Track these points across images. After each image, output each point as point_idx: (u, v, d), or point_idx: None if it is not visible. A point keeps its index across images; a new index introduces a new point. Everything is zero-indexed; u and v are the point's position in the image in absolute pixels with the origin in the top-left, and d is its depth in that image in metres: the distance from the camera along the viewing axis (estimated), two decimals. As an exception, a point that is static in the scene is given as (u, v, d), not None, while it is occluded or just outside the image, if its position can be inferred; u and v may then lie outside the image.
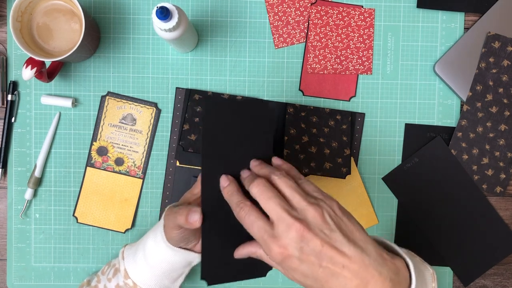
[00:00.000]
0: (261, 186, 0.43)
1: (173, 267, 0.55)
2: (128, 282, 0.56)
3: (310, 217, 0.41)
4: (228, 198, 0.45)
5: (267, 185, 0.43)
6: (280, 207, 0.41)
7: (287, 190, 0.43)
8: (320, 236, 0.40)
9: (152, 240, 0.55)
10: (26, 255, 0.67)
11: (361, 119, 0.67)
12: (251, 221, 0.42)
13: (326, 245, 0.40)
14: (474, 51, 0.66)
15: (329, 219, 0.41)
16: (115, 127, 0.66)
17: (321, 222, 0.41)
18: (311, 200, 0.42)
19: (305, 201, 0.42)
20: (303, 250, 0.40)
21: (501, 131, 0.66)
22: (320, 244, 0.40)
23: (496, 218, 0.67)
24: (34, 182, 0.65)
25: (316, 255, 0.40)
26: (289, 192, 0.43)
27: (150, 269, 0.55)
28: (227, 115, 0.47)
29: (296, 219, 0.40)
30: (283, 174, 0.44)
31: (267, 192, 0.42)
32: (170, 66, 0.66)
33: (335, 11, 0.66)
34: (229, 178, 0.46)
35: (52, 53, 0.61)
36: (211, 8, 0.66)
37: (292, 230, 0.40)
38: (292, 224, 0.40)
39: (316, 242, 0.40)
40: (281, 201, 0.42)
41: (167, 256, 0.54)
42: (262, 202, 0.42)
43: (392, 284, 0.40)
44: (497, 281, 0.69)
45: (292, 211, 0.41)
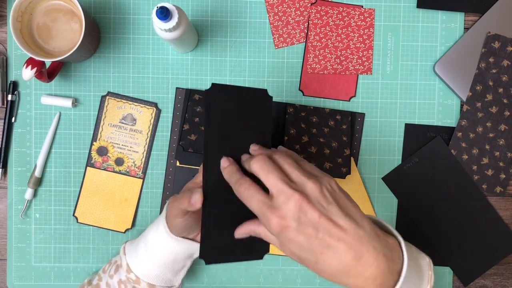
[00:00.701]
0: (261, 162, 0.44)
1: (176, 258, 0.55)
2: (131, 276, 0.56)
3: (308, 189, 0.42)
4: (228, 177, 0.46)
5: (266, 160, 0.44)
6: (280, 179, 0.42)
7: (287, 167, 0.44)
8: (317, 207, 0.41)
9: (154, 232, 0.55)
10: (26, 255, 0.67)
11: (361, 119, 0.67)
12: (250, 195, 0.43)
13: (323, 217, 0.41)
14: (474, 51, 0.66)
15: (327, 193, 0.42)
16: (115, 127, 0.66)
17: (319, 195, 0.42)
18: (310, 175, 0.43)
19: (304, 175, 0.43)
20: (301, 220, 0.41)
21: (501, 131, 0.66)
22: (318, 215, 0.41)
23: (496, 218, 0.67)
24: (34, 182, 0.65)
25: (313, 226, 0.41)
26: (289, 169, 0.44)
27: (152, 261, 0.55)
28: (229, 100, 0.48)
29: (295, 190, 0.41)
30: (284, 153, 0.46)
31: (267, 167, 0.43)
32: (170, 66, 0.66)
33: (335, 11, 0.66)
34: (229, 160, 0.47)
35: (52, 53, 0.61)
36: (211, 8, 0.66)
37: (291, 200, 0.41)
38: (291, 195, 0.41)
39: (314, 214, 0.41)
40: (281, 174, 0.43)
41: (169, 246, 0.54)
42: (263, 176, 0.43)
43: (385, 259, 0.41)
44: (497, 281, 0.69)
45: (292, 183, 0.42)
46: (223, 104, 0.48)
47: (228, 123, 0.48)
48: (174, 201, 0.52)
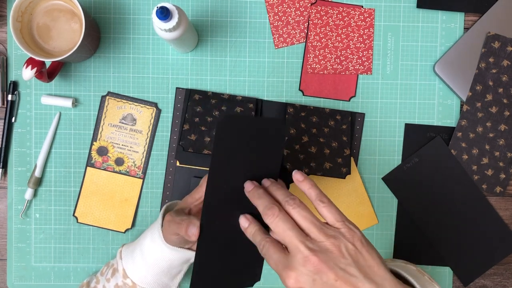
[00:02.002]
0: (275, 217, 0.42)
1: (172, 264, 0.55)
2: (127, 282, 0.56)
3: (327, 250, 0.40)
4: (251, 238, 0.45)
5: (281, 216, 0.42)
6: (296, 238, 0.41)
7: (303, 222, 0.42)
8: (334, 270, 0.39)
9: (149, 240, 0.55)
10: (26, 255, 0.67)
11: (361, 119, 0.67)
12: (269, 255, 0.42)
13: (340, 280, 0.39)
14: (474, 51, 0.66)
15: (346, 253, 0.40)
16: (115, 127, 0.66)
17: (337, 255, 0.40)
18: (329, 232, 0.41)
19: (322, 233, 0.41)
20: (316, 283, 0.40)
21: (501, 131, 0.66)
22: (334, 278, 0.39)
23: (496, 218, 0.67)
24: (34, 182, 0.65)
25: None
26: (305, 224, 0.42)
27: (149, 267, 0.55)
28: (239, 131, 0.46)
29: (311, 251, 0.40)
30: (297, 204, 0.43)
31: (282, 224, 0.42)
32: (170, 66, 0.66)
33: (335, 11, 0.66)
34: (248, 219, 0.46)
35: (52, 53, 0.61)
36: (211, 8, 0.66)
37: (307, 263, 0.40)
38: (308, 256, 0.40)
39: (330, 276, 0.39)
40: (297, 232, 0.41)
41: (165, 254, 0.54)
42: (279, 235, 0.42)
43: None
44: (497, 281, 0.69)
45: (308, 242, 0.41)
46: (233, 136, 0.46)
47: (235, 155, 0.46)
48: (171, 221, 0.52)
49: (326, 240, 0.41)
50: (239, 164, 0.47)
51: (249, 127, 0.46)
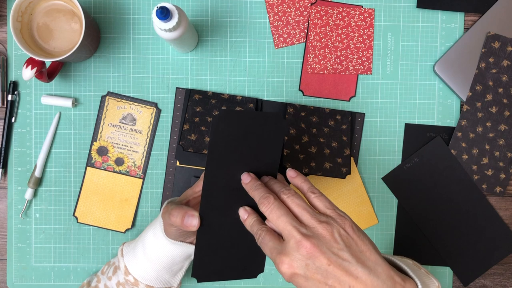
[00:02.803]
0: (270, 205, 0.44)
1: (174, 260, 0.55)
2: (129, 279, 0.56)
3: (319, 235, 0.41)
4: (249, 229, 0.46)
5: (276, 203, 0.43)
6: (289, 224, 0.42)
7: (296, 209, 0.43)
8: (327, 255, 0.40)
9: (151, 235, 0.55)
10: (26, 255, 0.67)
11: (361, 119, 0.67)
12: (265, 243, 0.43)
13: (333, 264, 0.40)
14: (474, 51, 0.66)
15: (338, 237, 0.41)
16: (115, 127, 0.66)
17: (330, 240, 0.41)
18: (321, 218, 0.42)
19: (314, 219, 0.42)
20: (309, 267, 0.40)
21: (501, 131, 0.66)
22: (327, 262, 0.40)
23: (496, 218, 0.67)
24: (34, 182, 0.65)
25: (322, 274, 0.40)
26: (299, 211, 0.43)
27: (151, 264, 0.55)
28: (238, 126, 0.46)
29: (304, 236, 0.41)
30: (291, 193, 0.45)
31: (276, 210, 0.43)
32: (170, 66, 0.66)
33: (335, 11, 0.66)
34: (247, 210, 0.47)
35: (52, 53, 0.61)
36: (211, 8, 0.66)
37: (300, 247, 0.40)
38: (301, 240, 0.40)
39: (322, 261, 0.40)
40: (291, 219, 0.42)
41: (167, 250, 0.54)
42: (273, 221, 0.43)
43: None
44: (497, 281, 0.69)
45: (302, 228, 0.42)
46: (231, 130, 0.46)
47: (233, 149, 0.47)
48: (166, 212, 0.52)
49: (319, 225, 0.41)
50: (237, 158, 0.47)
51: (248, 121, 0.46)
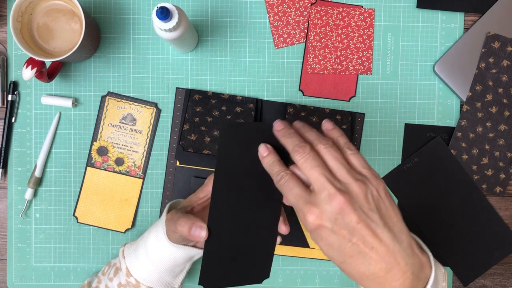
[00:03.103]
0: (305, 154, 0.42)
1: (176, 263, 0.55)
2: (131, 280, 0.56)
3: (353, 192, 0.40)
4: (267, 167, 0.45)
5: (311, 154, 0.42)
6: (324, 176, 0.40)
7: (333, 162, 0.42)
8: (358, 212, 0.40)
9: (154, 237, 0.55)
10: (26, 255, 0.67)
11: (361, 119, 0.67)
12: (289, 188, 0.42)
13: (361, 222, 0.39)
14: (474, 51, 0.66)
15: (371, 198, 0.41)
16: (115, 127, 0.66)
17: (363, 199, 0.40)
18: (357, 176, 0.41)
19: (350, 175, 0.41)
20: (338, 222, 0.40)
21: (500, 131, 0.66)
22: (357, 220, 0.39)
23: (496, 218, 0.67)
24: (34, 182, 0.65)
25: (349, 230, 0.40)
26: (335, 165, 0.42)
27: (153, 266, 0.55)
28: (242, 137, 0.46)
29: (339, 190, 0.40)
30: (330, 144, 0.43)
31: (311, 161, 0.41)
32: (170, 66, 0.66)
33: (335, 11, 0.66)
34: (268, 148, 0.45)
35: (52, 53, 0.61)
36: (211, 8, 0.66)
37: (333, 200, 0.39)
38: (334, 194, 0.40)
39: (352, 218, 0.39)
40: (326, 171, 0.41)
41: (170, 252, 0.54)
42: (306, 170, 0.41)
43: (412, 278, 0.40)
44: (497, 281, 0.69)
45: (336, 182, 0.41)
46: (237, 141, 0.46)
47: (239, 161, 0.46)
48: (171, 220, 0.52)
49: (354, 183, 0.41)
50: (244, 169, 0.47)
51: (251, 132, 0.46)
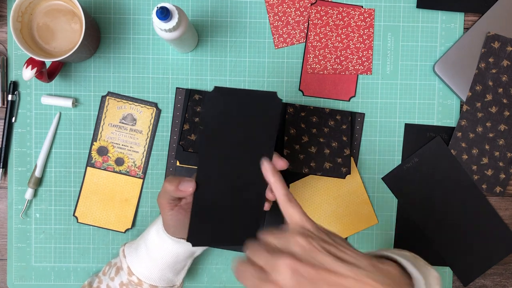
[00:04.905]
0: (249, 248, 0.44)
1: (177, 259, 0.55)
2: (133, 279, 0.56)
3: (296, 248, 0.41)
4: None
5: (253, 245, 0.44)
6: (264, 253, 0.42)
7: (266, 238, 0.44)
8: (311, 263, 0.40)
9: (154, 234, 0.55)
10: (26, 255, 0.67)
11: (361, 119, 0.67)
12: (244, 273, 0.43)
13: (319, 270, 0.40)
14: (474, 51, 0.66)
15: (315, 244, 0.41)
16: (115, 127, 0.66)
17: (308, 249, 0.41)
18: (294, 233, 0.42)
19: (288, 236, 0.42)
20: (299, 282, 0.40)
21: (500, 131, 0.66)
22: (314, 271, 0.40)
23: (496, 218, 0.67)
24: (35, 182, 0.65)
25: (311, 283, 0.40)
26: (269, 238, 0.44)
27: (154, 263, 0.55)
28: (232, 104, 0.47)
29: (282, 255, 0.41)
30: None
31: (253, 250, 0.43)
32: (170, 66, 0.66)
33: (335, 11, 0.66)
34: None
35: (53, 53, 0.61)
36: (211, 8, 0.66)
37: (283, 266, 0.40)
38: (279, 260, 0.40)
39: (308, 270, 0.40)
40: (265, 247, 0.43)
41: (171, 248, 0.54)
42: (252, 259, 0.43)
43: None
44: (497, 281, 0.69)
45: (277, 250, 0.42)
46: (224, 107, 0.47)
47: (228, 127, 0.47)
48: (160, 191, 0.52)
49: (292, 238, 0.42)
50: (232, 135, 0.47)
51: (242, 99, 0.47)
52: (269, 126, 0.48)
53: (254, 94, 0.47)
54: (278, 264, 0.40)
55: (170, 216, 0.52)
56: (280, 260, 0.40)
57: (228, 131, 0.48)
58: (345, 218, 0.67)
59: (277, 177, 0.47)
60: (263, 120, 0.48)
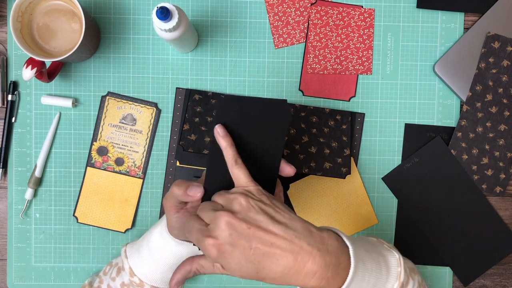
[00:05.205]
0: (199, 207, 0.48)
1: (180, 260, 0.56)
2: (134, 280, 0.56)
3: (235, 206, 0.44)
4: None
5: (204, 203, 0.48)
6: (208, 209, 0.45)
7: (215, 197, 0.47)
8: (246, 219, 0.43)
9: (157, 235, 0.55)
10: (26, 255, 0.67)
11: (361, 119, 0.67)
12: (190, 227, 0.46)
13: (252, 227, 0.43)
14: (474, 51, 0.66)
15: (254, 204, 0.44)
16: (115, 127, 0.66)
17: (246, 207, 0.44)
18: (235, 192, 0.46)
19: (229, 194, 0.46)
20: (232, 236, 0.43)
21: (500, 131, 0.66)
22: (247, 226, 0.43)
23: (496, 218, 0.67)
24: (34, 182, 0.65)
25: (245, 238, 0.43)
26: (216, 196, 0.47)
27: (156, 264, 0.55)
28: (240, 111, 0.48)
29: (222, 210, 0.44)
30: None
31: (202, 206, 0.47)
32: (170, 66, 0.66)
33: (335, 11, 0.66)
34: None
35: (52, 53, 0.61)
36: (211, 8, 0.66)
37: (220, 220, 0.43)
38: (221, 215, 0.43)
39: (242, 226, 0.43)
40: (211, 204, 0.46)
41: (174, 250, 0.54)
42: (200, 214, 0.46)
43: (320, 253, 0.42)
44: (497, 281, 0.69)
45: (219, 208, 0.45)
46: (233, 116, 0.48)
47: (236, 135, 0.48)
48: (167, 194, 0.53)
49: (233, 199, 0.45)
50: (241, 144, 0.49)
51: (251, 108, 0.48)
52: (278, 133, 0.49)
53: (264, 102, 0.48)
54: (217, 219, 0.43)
55: (175, 219, 0.52)
56: (219, 216, 0.43)
57: (237, 138, 0.48)
58: (345, 218, 0.67)
59: (227, 140, 0.48)
60: (272, 127, 0.49)
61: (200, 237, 0.44)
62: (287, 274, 0.43)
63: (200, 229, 0.45)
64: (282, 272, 0.43)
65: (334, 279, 0.43)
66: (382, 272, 0.45)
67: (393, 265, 0.47)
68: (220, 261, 0.44)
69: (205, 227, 0.45)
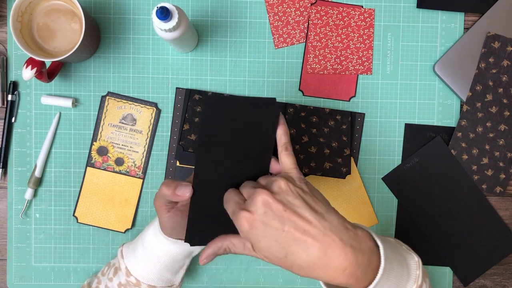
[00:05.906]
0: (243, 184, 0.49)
1: (175, 259, 0.55)
2: (131, 280, 0.56)
3: (275, 187, 0.45)
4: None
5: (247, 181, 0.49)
6: (251, 187, 0.46)
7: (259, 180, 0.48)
8: (283, 201, 0.43)
9: (151, 235, 0.55)
10: (26, 255, 0.67)
11: (361, 119, 0.67)
12: (229, 197, 0.47)
13: (288, 210, 0.43)
14: (474, 51, 0.66)
15: (293, 188, 0.44)
16: (115, 127, 0.66)
17: (285, 190, 0.44)
18: (279, 176, 0.46)
19: (272, 177, 0.46)
20: (267, 214, 0.43)
21: (501, 131, 0.66)
22: (283, 208, 0.43)
23: (496, 218, 0.67)
24: (34, 182, 0.65)
25: (279, 219, 0.42)
26: (260, 180, 0.48)
27: (152, 263, 0.55)
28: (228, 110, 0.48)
29: (261, 188, 0.44)
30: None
31: (245, 184, 0.48)
32: (170, 66, 0.66)
33: (335, 11, 0.66)
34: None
35: (52, 53, 0.61)
36: (211, 8, 0.66)
37: (257, 197, 0.43)
38: (259, 192, 0.44)
39: (279, 207, 0.43)
40: (254, 183, 0.47)
41: (168, 249, 0.54)
42: (241, 189, 0.47)
43: (353, 250, 0.42)
44: (497, 281, 0.69)
45: (261, 186, 0.46)
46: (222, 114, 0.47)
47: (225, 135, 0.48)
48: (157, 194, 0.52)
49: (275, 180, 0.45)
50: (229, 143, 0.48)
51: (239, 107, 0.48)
52: (267, 132, 0.49)
53: (252, 100, 0.48)
54: (255, 195, 0.44)
55: (166, 218, 0.52)
56: (257, 193, 0.44)
57: (226, 137, 0.48)
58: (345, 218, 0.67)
59: (283, 128, 0.49)
60: (261, 126, 0.49)
61: (236, 209, 0.44)
62: (315, 265, 0.42)
63: (238, 201, 0.45)
64: (311, 262, 0.42)
65: (362, 278, 0.42)
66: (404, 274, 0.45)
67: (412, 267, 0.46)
68: (250, 237, 0.44)
69: (242, 201, 0.45)
